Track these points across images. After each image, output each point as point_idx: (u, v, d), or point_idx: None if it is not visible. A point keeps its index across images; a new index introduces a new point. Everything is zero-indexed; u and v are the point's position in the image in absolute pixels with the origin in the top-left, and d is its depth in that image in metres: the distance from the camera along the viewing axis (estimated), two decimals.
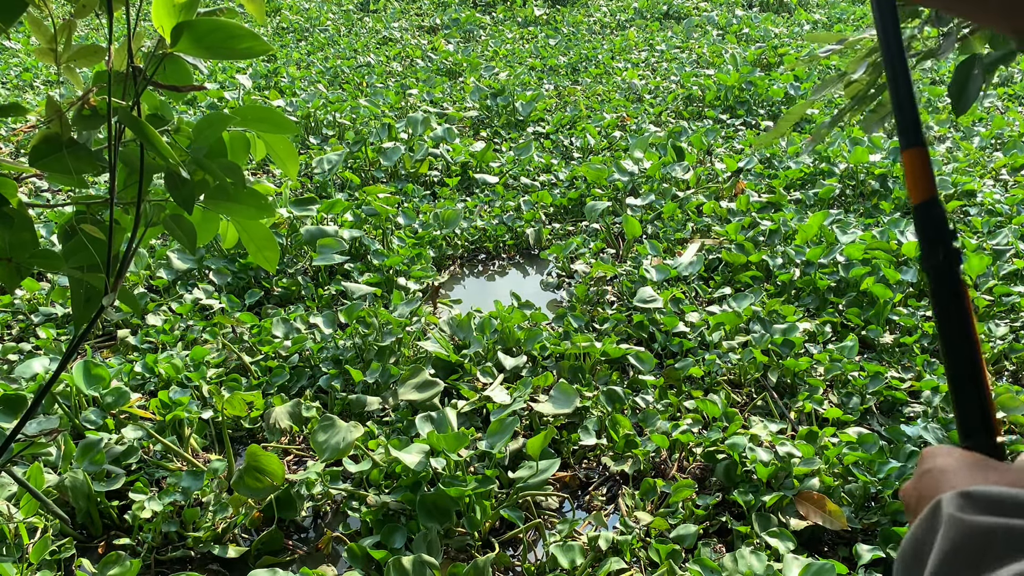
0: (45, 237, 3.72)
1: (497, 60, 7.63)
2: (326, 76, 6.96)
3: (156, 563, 2.18)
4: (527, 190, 4.65)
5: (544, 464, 2.35)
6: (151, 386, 2.85)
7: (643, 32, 8.81)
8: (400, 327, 3.06)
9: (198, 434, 2.60)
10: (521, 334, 3.06)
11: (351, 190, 4.62)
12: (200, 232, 1.44)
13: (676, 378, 2.85)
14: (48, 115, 1.20)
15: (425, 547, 2.10)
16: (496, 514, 2.27)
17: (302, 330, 3.16)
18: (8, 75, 7.04)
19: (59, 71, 1.21)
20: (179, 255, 3.70)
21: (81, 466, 2.31)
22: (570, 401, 2.64)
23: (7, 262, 1.29)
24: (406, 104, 6.12)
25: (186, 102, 5.95)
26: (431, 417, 2.52)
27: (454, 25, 9.13)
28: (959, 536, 0.51)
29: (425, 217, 4.20)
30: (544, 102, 6.06)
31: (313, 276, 3.74)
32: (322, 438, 2.40)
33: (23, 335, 3.26)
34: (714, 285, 3.51)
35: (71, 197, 3.59)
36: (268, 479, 2.24)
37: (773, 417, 2.64)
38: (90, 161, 1.24)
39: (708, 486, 2.41)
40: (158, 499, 2.24)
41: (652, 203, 4.25)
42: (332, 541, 2.26)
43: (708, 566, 1.99)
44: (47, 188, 4.54)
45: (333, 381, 2.84)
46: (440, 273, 3.84)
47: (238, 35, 1.10)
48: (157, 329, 3.21)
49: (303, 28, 9.02)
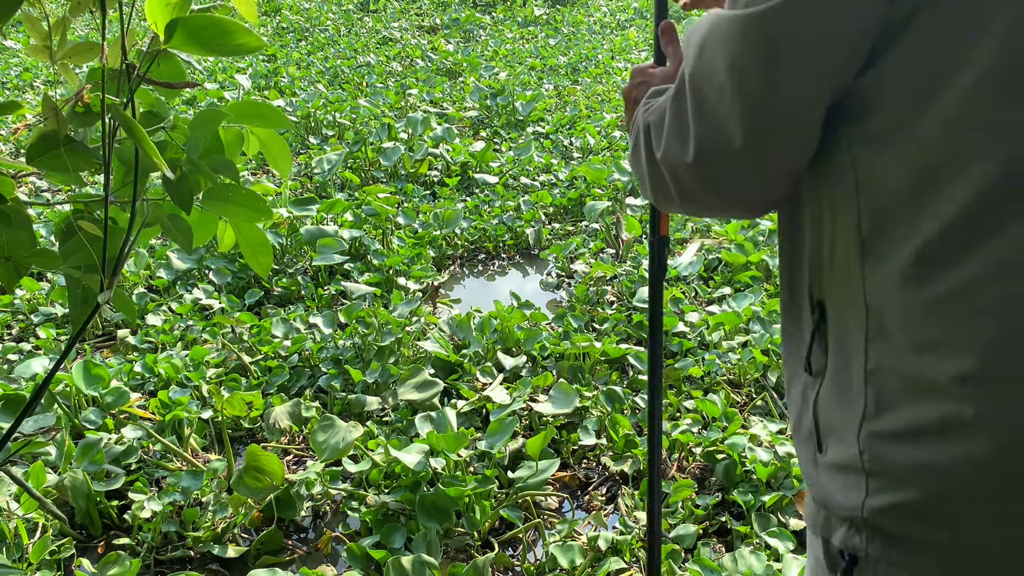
0: (45, 237, 3.72)
1: (497, 60, 7.63)
2: (326, 76, 6.96)
3: (156, 563, 2.18)
4: (527, 190, 4.65)
5: (544, 464, 2.34)
6: (151, 386, 2.85)
7: (643, 32, 8.81)
8: (400, 327, 3.06)
9: (198, 434, 2.59)
10: (521, 334, 3.06)
11: (351, 190, 4.62)
12: (197, 232, 1.44)
13: (676, 378, 2.84)
14: (45, 113, 1.20)
15: (425, 547, 2.09)
16: (496, 514, 2.26)
17: (302, 330, 3.16)
18: (8, 75, 7.05)
19: (55, 69, 1.21)
20: (179, 255, 3.70)
21: (81, 466, 2.31)
22: (570, 401, 2.64)
23: (5, 261, 1.28)
24: (406, 104, 6.12)
25: (186, 102, 5.95)
26: (431, 417, 2.52)
27: (454, 25, 9.13)
28: (652, 110, 0.92)
29: (425, 217, 4.20)
30: (544, 102, 6.06)
31: (313, 276, 3.74)
32: (322, 438, 2.39)
33: (23, 335, 3.26)
34: (714, 285, 3.51)
35: (69, 196, 3.59)
36: (268, 479, 2.23)
37: (773, 417, 2.63)
38: (87, 159, 1.24)
39: (708, 486, 2.41)
40: (158, 499, 2.24)
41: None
42: (332, 541, 2.26)
43: (708, 566, 1.98)
44: (46, 188, 4.54)
45: (333, 381, 2.84)
46: (440, 273, 3.84)
47: (232, 31, 1.10)
48: (157, 329, 3.21)
49: (303, 28, 9.02)
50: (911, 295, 0.73)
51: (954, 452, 0.70)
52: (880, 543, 0.76)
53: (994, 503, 0.70)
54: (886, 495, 0.74)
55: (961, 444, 0.70)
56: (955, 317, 0.70)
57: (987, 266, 0.69)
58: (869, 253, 0.76)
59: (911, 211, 0.73)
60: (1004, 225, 0.68)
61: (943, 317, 0.71)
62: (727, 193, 0.86)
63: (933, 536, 0.73)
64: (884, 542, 0.75)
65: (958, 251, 0.70)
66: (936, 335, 0.71)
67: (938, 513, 0.72)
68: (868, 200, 0.76)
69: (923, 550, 0.74)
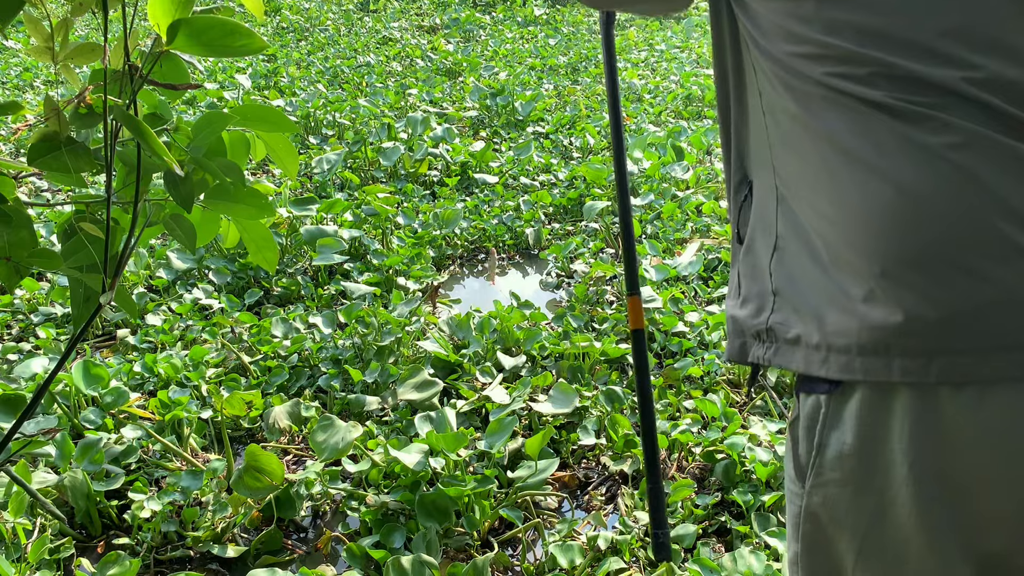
0: (45, 237, 3.73)
1: (497, 60, 7.63)
2: (326, 76, 6.96)
3: (155, 562, 2.18)
4: (526, 190, 4.65)
5: (543, 464, 2.35)
6: (150, 386, 2.85)
7: (643, 32, 8.82)
8: (399, 327, 3.06)
9: (197, 434, 2.60)
10: (520, 334, 3.06)
11: (351, 190, 4.62)
12: (200, 232, 1.44)
13: (675, 378, 2.85)
14: (46, 113, 1.20)
15: (424, 547, 2.10)
16: (495, 514, 2.26)
17: (301, 330, 3.16)
18: (8, 75, 7.05)
19: (57, 70, 1.21)
20: (178, 255, 3.70)
21: (80, 466, 2.31)
22: (569, 401, 2.64)
23: (6, 261, 1.28)
24: (406, 104, 6.12)
25: (186, 102, 5.95)
26: (430, 417, 2.52)
27: (454, 25, 9.13)
28: None
29: (425, 217, 4.20)
30: (544, 102, 6.06)
31: (313, 276, 3.74)
32: (321, 438, 2.40)
33: (23, 335, 3.26)
34: (713, 285, 3.51)
35: (70, 197, 3.59)
36: (267, 479, 2.24)
37: (772, 417, 2.64)
38: (89, 160, 1.24)
39: (707, 486, 2.41)
40: (157, 499, 2.24)
41: (651, 203, 4.25)
42: (331, 541, 2.26)
43: (707, 566, 1.99)
44: (47, 188, 4.54)
45: (332, 381, 2.84)
46: (439, 273, 3.84)
47: (235, 32, 1.10)
48: (156, 329, 3.21)
49: (303, 28, 9.02)
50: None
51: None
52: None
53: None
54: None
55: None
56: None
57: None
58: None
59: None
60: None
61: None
62: None
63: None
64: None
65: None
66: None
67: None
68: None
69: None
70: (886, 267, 0.84)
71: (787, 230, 0.95)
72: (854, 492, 0.91)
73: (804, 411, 0.95)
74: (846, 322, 0.87)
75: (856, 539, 0.93)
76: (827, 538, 0.96)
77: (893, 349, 0.84)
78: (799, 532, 0.98)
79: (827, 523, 0.95)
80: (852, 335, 0.86)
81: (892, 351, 0.84)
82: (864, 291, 0.85)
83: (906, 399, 0.86)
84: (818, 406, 0.92)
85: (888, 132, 0.84)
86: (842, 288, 0.87)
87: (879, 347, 0.85)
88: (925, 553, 0.89)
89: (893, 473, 0.88)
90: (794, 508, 0.98)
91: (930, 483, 0.87)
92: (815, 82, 0.87)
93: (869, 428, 0.88)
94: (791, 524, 1.00)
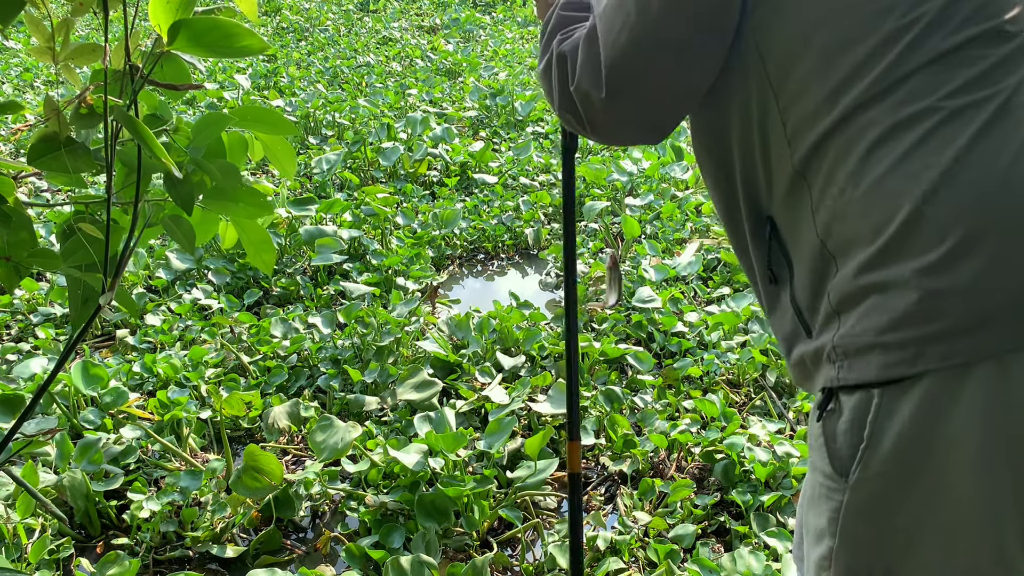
0: (44, 237, 3.72)
1: (497, 60, 7.63)
2: (325, 76, 6.96)
3: (154, 563, 2.18)
4: (526, 190, 4.65)
5: (542, 464, 2.35)
6: (149, 386, 2.85)
7: None
8: (399, 327, 3.06)
9: (196, 434, 2.60)
10: (520, 334, 3.06)
11: (350, 190, 4.62)
12: (199, 232, 1.44)
13: (674, 378, 2.85)
14: (46, 114, 1.20)
15: (423, 547, 2.10)
16: (494, 514, 2.27)
17: (301, 330, 3.16)
18: (9, 75, 7.04)
19: (57, 70, 1.21)
20: (178, 255, 3.70)
21: (79, 466, 2.31)
22: None
23: (5, 261, 1.28)
24: (405, 104, 6.12)
25: (185, 102, 5.95)
26: (429, 417, 2.52)
27: (454, 25, 9.13)
28: (556, 18, 1.15)
29: (424, 217, 4.20)
30: (543, 102, 6.06)
31: (312, 276, 3.74)
32: (320, 438, 2.40)
33: (22, 335, 3.26)
34: (713, 285, 3.51)
35: (70, 197, 3.59)
36: (266, 479, 2.24)
37: (772, 417, 2.64)
38: (89, 160, 1.24)
39: (706, 486, 2.41)
40: (156, 499, 2.24)
41: (651, 203, 4.25)
42: (330, 541, 2.26)
43: (707, 566, 1.99)
44: (47, 188, 4.54)
45: (332, 381, 2.84)
46: (439, 273, 3.84)
47: (236, 33, 1.11)
48: (156, 329, 3.21)
49: (303, 28, 9.02)
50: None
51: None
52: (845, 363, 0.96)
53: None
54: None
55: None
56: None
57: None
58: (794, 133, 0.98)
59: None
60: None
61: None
62: (635, 121, 1.08)
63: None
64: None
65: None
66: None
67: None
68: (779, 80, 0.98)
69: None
70: (969, 243, 0.87)
71: (838, 248, 0.96)
72: (908, 480, 0.90)
73: (848, 406, 0.94)
74: (924, 312, 0.88)
75: (907, 528, 0.92)
76: (871, 531, 0.95)
77: (987, 324, 0.86)
78: (838, 527, 0.96)
79: (873, 515, 0.94)
80: (936, 321, 0.87)
81: (986, 326, 0.86)
82: (947, 281, 0.87)
83: (982, 374, 0.86)
84: (868, 400, 0.92)
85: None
86: (915, 283, 0.88)
87: (971, 325, 0.86)
88: (981, 535, 0.89)
89: (954, 455, 0.88)
90: (832, 503, 0.97)
91: (996, 458, 0.87)
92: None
93: (933, 413, 0.88)
94: (826, 520, 0.98)
